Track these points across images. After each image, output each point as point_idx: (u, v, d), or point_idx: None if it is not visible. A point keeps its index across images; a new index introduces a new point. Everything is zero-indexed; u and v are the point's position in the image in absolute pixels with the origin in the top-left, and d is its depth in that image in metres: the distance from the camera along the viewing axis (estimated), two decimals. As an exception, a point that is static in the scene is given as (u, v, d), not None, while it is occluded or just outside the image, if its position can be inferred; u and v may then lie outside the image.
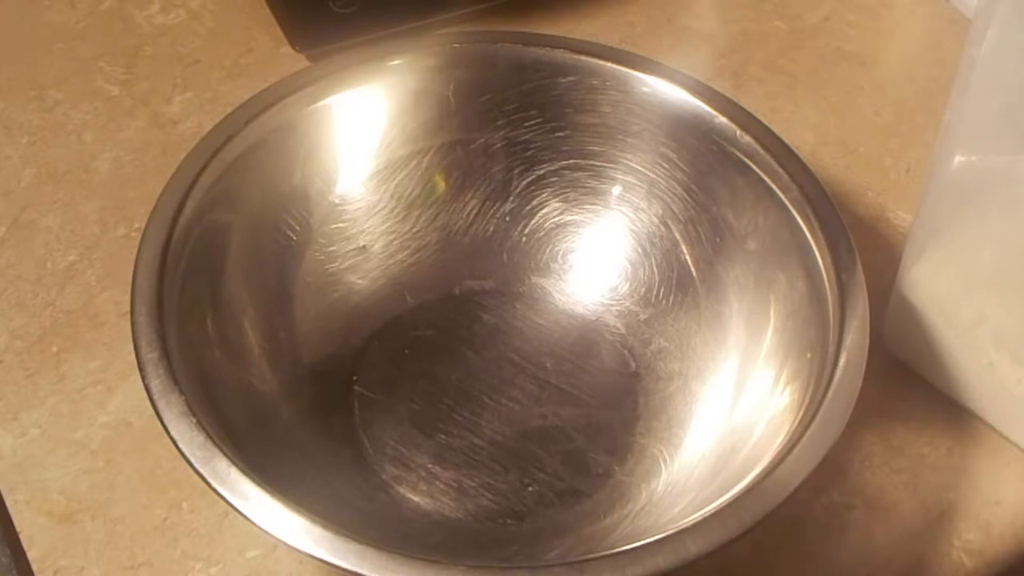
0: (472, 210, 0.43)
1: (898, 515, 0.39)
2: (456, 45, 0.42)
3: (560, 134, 0.43)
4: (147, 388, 0.31)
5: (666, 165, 0.42)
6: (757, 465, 0.32)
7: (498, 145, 0.43)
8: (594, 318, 0.43)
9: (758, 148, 0.39)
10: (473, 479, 0.38)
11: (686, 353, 0.41)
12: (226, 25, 0.54)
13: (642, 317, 0.42)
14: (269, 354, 0.38)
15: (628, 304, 0.43)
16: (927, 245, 0.40)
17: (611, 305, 0.43)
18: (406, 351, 0.42)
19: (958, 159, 0.37)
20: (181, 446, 0.30)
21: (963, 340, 0.40)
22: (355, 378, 0.41)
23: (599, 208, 0.43)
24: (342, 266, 0.42)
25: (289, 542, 0.29)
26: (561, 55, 0.42)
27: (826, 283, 0.36)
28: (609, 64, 0.42)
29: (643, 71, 0.41)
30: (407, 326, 0.42)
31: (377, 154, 0.42)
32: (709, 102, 0.40)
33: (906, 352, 0.43)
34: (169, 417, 0.31)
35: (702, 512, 0.31)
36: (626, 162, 0.42)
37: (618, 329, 0.43)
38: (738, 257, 0.40)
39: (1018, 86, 0.35)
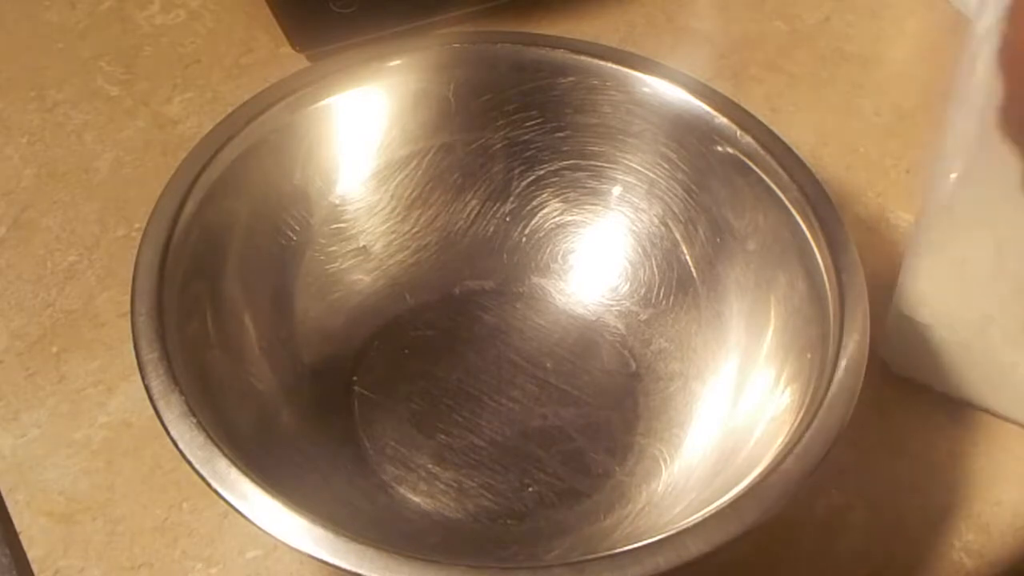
0: (472, 210, 0.43)
1: (898, 515, 0.39)
2: (456, 45, 0.42)
3: (560, 134, 0.43)
4: (147, 388, 0.31)
5: (666, 165, 0.42)
6: (757, 465, 0.32)
7: (498, 145, 0.43)
8: (594, 318, 0.43)
9: (758, 148, 0.39)
10: (473, 479, 0.38)
11: (686, 353, 0.41)
12: (226, 25, 0.54)
13: (642, 317, 0.42)
14: (269, 354, 0.38)
15: (628, 304, 0.43)
16: (928, 248, 0.40)
17: (611, 305, 0.43)
18: (406, 351, 0.42)
19: (959, 162, 0.37)
20: (181, 446, 0.30)
21: (965, 341, 0.40)
22: (355, 378, 0.41)
23: (599, 208, 0.43)
24: (342, 266, 0.42)
25: (289, 542, 0.29)
26: (561, 55, 0.42)
27: (826, 283, 0.36)
28: (609, 64, 0.41)
29: (643, 71, 0.41)
30: (407, 326, 0.42)
31: (377, 154, 0.42)
32: (709, 102, 0.40)
33: (908, 357, 0.42)
34: (169, 417, 0.31)
35: (702, 512, 0.31)
36: (626, 162, 0.42)
37: (618, 329, 0.43)
38: (738, 257, 0.40)
39: (1018, 86, 0.35)
